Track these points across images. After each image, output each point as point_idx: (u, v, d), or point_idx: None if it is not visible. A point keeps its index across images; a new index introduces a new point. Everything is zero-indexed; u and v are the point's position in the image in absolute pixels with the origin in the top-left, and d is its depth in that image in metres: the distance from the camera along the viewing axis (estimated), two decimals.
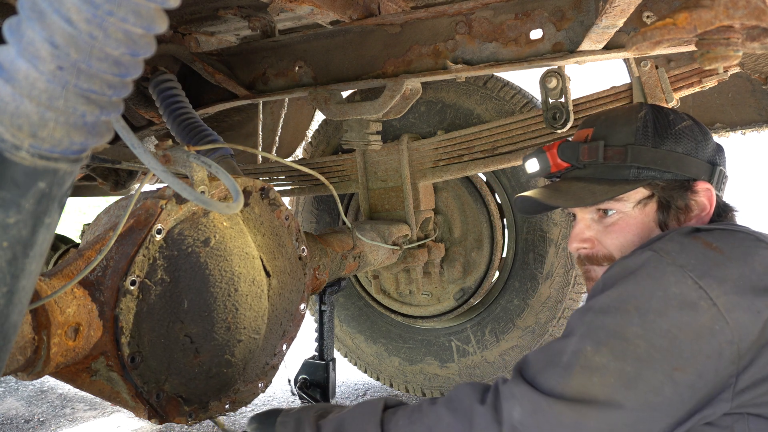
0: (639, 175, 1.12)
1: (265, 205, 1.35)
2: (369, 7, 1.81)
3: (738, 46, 1.04)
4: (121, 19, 0.49)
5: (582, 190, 1.16)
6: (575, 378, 0.90)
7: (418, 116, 2.26)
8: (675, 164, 1.11)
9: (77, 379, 1.06)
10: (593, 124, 1.22)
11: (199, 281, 1.18)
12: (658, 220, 1.12)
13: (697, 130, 1.15)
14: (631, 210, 1.12)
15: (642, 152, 1.12)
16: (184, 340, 1.16)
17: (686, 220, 1.11)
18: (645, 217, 1.12)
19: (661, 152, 1.11)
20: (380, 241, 1.88)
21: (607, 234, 1.14)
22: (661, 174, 1.11)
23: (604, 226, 1.15)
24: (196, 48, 2.23)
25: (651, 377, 0.87)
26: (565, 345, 0.94)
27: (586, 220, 1.18)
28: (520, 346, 2.23)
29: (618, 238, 1.13)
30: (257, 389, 1.36)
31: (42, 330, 0.93)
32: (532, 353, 1.00)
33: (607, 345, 0.90)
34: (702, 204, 1.11)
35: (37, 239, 0.55)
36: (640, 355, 0.88)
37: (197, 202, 0.65)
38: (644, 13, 1.46)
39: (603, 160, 1.15)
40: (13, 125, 0.49)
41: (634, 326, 0.89)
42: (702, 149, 1.13)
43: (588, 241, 1.17)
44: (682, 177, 1.11)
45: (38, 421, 2.58)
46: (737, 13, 0.94)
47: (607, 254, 1.15)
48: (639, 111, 1.17)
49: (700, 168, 1.12)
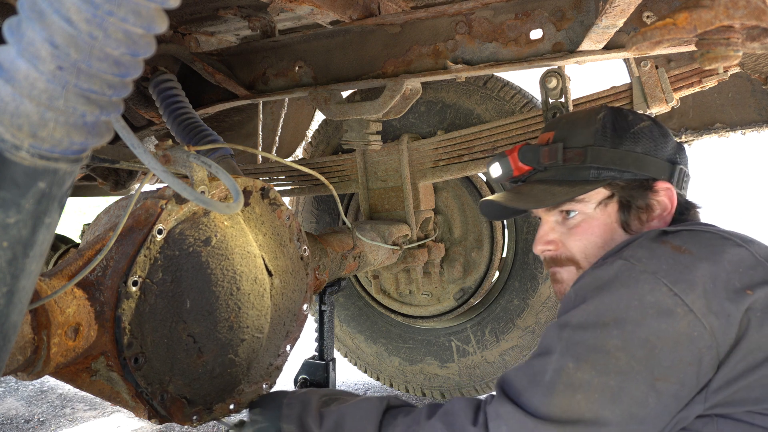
0: (599, 175, 1.13)
1: (265, 204, 1.35)
2: (369, 7, 1.81)
3: (738, 46, 1.04)
4: (121, 19, 0.49)
5: (542, 192, 1.18)
6: (559, 397, 0.89)
7: (418, 116, 2.26)
8: (634, 164, 1.12)
9: (77, 379, 1.06)
10: (555, 127, 1.24)
11: (201, 281, 1.18)
12: (620, 221, 1.13)
13: (656, 130, 1.16)
14: (593, 211, 1.14)
15: (601, 153, 1.13)
16: (187, 340, 1.16)
17: (649, 220, 1.12)
18: (607, 217, 1.13)
19: (620, 152, 1.13)
20: (380, 241, 1.88)
21: (570, 236, 1.16)
22: (621, 174, 1.12)
23: (567, 228, 1.16)
24: (196, 48, 2.23)
25: (634, 390, 0.87)
26: (545, 363, 0.94)
27: (550, 222, 1.19)
28: (520, 346, 2.23)
29: (581, 240, 1.14)
30: (261, 390, 1.35)
31: (42, 330, 0.93)
32: (512, 371, 0.99)
33: (588, 361, 0.89)
34: (663, 203, 1.12)
35: (37, 239, 0.55)
36: (622, 368, 0.87)
37: (197, 202, 0.65)
38: (644, 13, 1.46)
39: (563, 161, 1.17)
40: (13, 125, 0.49)
41: (614, 339, 0.89)
42: (661, 148, 1.14)
43: (552, 243, 1.18)
44: (641, 176, 1.12)
45: (38, 421, 2.58)
46: (737, 13, 0.94)
47: (570, 256, 1.16)
48: (598, 113, 1.19)
49: (659, 167, 1.13)
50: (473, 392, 2.38)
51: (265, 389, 1.37)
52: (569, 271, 1.17)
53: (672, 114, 2.24)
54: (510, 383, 0.97)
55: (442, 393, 2.45)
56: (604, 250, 1.13)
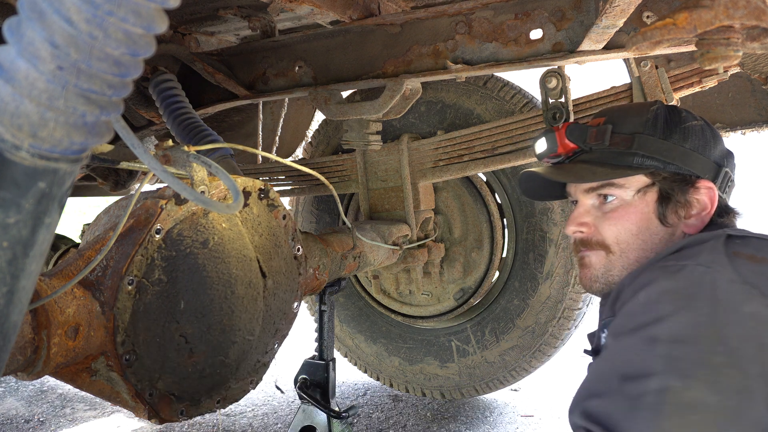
0: (642, 163, 1.12)
1: (263, 205, 1.35)
2: (369, 7, 1.81)
3: (738, 46, 1.04)
4: (121, 19, 0.49)
5: (584, 170, 1.16)
6: (670, 420, 0.78)
7: (418, 116, 2.26)
8: (680, 157, 1.11)
9: (77, 379, 1.06)
10: (607, 113, 1.23)
11: (197, 283, 1.18)
12: (658, 212, 1.11)
13: (707, 131, 1.15)
14: (631, 198, 1.12)
15: (648, 141, 1.12)
16: (179, 340, 1.16)
17: (686, 216, 1.11)
18: (645, 206, 1.12)
19: (668, 144, 1.12)
20: (380, 241, 1.88)
21: (605, 220, 1.14)
22: (665, 165, 1.11)
23: (603, 212, 1.15)
24: (196, 48, 2.23)
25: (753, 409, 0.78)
26: (642, 385, 0.81)
27: (586, 205, 1.18)
28: (520, 346, 2.23)
29: (615, 226, 1.13)
30: (248, 386, 1.37)
31: (42, 330, 0.93)
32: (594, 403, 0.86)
33: (696, 378, 0.79)
34: (703, 203, 1.11)
35: (37, 239, 0.55)
36: (736, 386, 0.78)
37: (197, 202, 0.65)
38: (644, 13, 1.46)
39: (609, 144, 1.16)
40: (13, 125, 0.49)
41: (719, 355, 0.80)
42: (710, 149, 1.14)
43: (585, 225, 1.17)
44: (685, 171, 1.11)
45: (38, 421, 2.58)
46: (737, 13, 0.94)
47: (601, 240, 1.15)
48: (652, 105, 1.18)
49: (705, 166, 1.12)
50: (473, 392, 2.38)
51: (252, 385, 1.38)
52: (598, 255, 1.15)
53: None
54: (599, 416, 0.84)
55: (442, 393, 2.45)
56: (638, 238, 1.11)
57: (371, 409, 2.59)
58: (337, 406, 1.67)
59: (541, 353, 2.21)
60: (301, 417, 1.66)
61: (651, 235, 1.11)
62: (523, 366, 2.25)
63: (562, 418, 2.39)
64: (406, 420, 2.45)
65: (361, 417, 2.49)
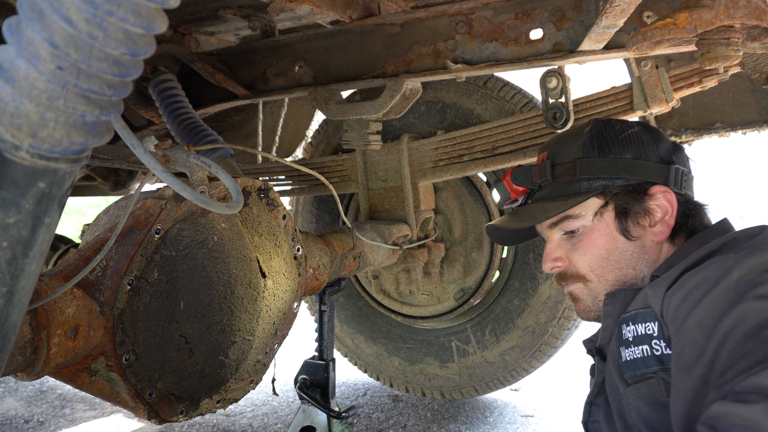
0: (591, 186, 1.14)
1: (263, 205, 1.35)
2: (369, 7, 1.81)
3: (738, 45, 1.04)
4: (121, 19, 0.49)
5: (537, 209, 1.19)
6: None
7: (418, 116, 2.26)
8: (624, 169, 1.12)
9: (77, 379, 1.06)
10: (547, 147, 1.25)
11: (196, 283, 1.18)
12: (619, 228, 1.13)
13: (645, 134, 1.16)
14: (591, 223, 1.14)
15: (590, 164, 1.14)
16: (179, 340, 1.16)
17: (651, 225, 1.12)
18: (606, 227, 1.13)
19: (609, 160, 1.13)
20: (380, 241, 1.88)
21: (575, 252, 1.16)
22: (612, 181, 1.13)
23: (572, 244, 1.17)
24: (196, 48, 2.23)
25: None
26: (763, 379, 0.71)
27: (555, 239, 1.20)
28: (520, 346, 2.23)
29: (585, 254, 1.15)
30: (248, 386, 1.37)
31: (42, 330, 0.93)
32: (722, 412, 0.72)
33: None
34: (663, 207, 1.12)
35: (37, 239, 0.55)
36: None
37: (197, 202, 0.65)
38: (644, 13, 1.46)
39: (553, 178, 1.19)
40: (12, 125, 0.49)
41: None
42: (652, 151, 1.14)
43: (559, 259, 1.19)
44: (634, 181, 1.12)
45: (38, 421, 2.58)
46: (737, 13, 0.94)
47: (575, 272, 1.17)
48: (586, 127, 1.20)
49: (652, 170, 1.13)
50: (473, 392, 2.38)
51: (252, 385, 1.39)
52: (579, 288, 1.17)
53: (672, 114, 2.24)
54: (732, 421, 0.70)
55: (442, 393, 2.45)
56: (609, 260, 1.13)
57: (371, 409, 2.59)
58: (337, 406, 1.67)
59: (541, 353, 2.21)
60: (301, 417, 1.66)
61: (620, 253, 1.12)
62: (523, 366, 2.25)
63: (562, 418, 2.39)
64: (406, 420, 2.45)
65: (361, 417, 2.49)
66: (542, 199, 1.21)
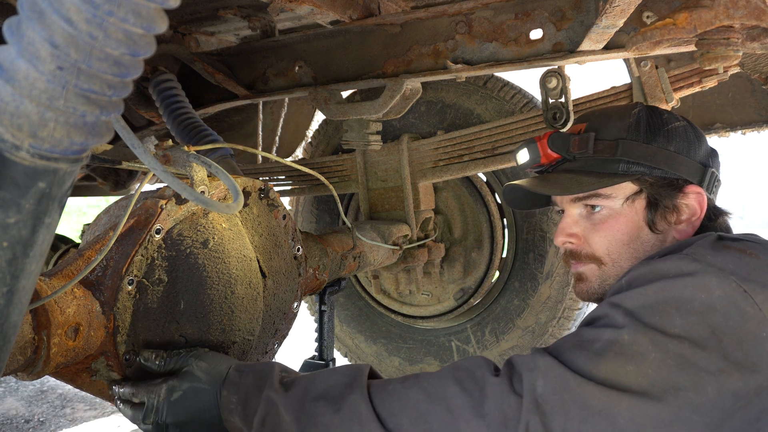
0: (628, 169, 1.10)
1: (263, 205, 1.35)
2: (369, 7, 1.81)
3: (738, 46, 1.04)
4: (121, 19, 0.49)
5: (569, 180, 1.14)
6: (608, 363, 0.83)
7: (418, 116, 2.26)
8: (665, 161, 1.10)
9: (77, 379, 1.06)
10: (587, 118, 1.21)
11: (196, 283, 1.18)
12: (647, 219, 1.10)
13: (690, 131, 1.14)
14: (620, 207, 1.11)
15: (633, 147, 1.11)
16: (179, 340, 1.17)
17: (676, 222, 1.10)
18: (634, 214, 1.11)
19: (652, 148, 1.10)
20: (380, 241, 1.88)
21: (595, 231, 1.13)
22: (651, 170, 1.10)
23: (592, 223, 1.13)
24: (196, 48, 2.23)
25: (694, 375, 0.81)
26: (598, 333, 0.88)
27: (574, 215, 1.16)
28: (520, 346, 2.23)
29: (606, 237, 1.11)
30: None
31: (42, 330, 0.93)
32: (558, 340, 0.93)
33: (646, 336, 0.84)
34: (692, 208, 1.10)
35: (37, 239, 0.55)
36: (683, 351, 0.82)
37: (197, 202, 0.65)
38: (644, 13, 1.46)
39: (593, 152, 1.14)
40: (13, 125, 0.49)
41: (676, 327, 0.84)
42: (694, 150, 1.12)
43: (574, 236, 1.15)
44: (671, 175, 1.10)
45: (38, 421, 2.58)
46: (737, 13, 0.94)
47: (591, 253, 1.13)
48: (633, 108, 1.16)
49: (690, 168, 1.11)
50: None
51: None
52: (591, 269, 1.14)
53: None
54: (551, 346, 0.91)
55: None
56: (629, 247, 1.10)
57: None
58: None
59: None
60: None
61: (642, 243, 1.10)
62: None
63: None
64: None
65: None
66: (575, 171, 1.15)
